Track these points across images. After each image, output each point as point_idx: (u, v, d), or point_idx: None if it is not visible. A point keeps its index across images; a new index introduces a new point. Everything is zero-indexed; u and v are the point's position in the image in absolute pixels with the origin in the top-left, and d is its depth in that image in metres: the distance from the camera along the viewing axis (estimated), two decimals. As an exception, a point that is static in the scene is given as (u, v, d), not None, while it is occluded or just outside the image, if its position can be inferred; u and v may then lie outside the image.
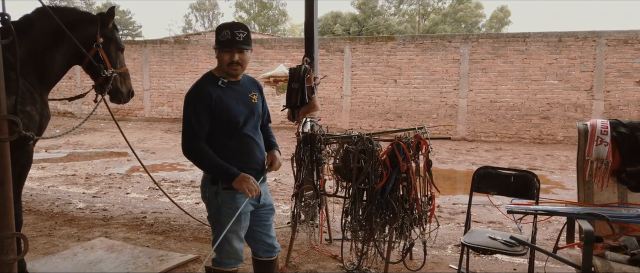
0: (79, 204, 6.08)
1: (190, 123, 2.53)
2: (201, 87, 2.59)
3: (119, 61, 3.66)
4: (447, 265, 3.97)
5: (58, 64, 3.40)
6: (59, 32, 3.19)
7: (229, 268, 2.68)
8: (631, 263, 2.88)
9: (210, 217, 2.69)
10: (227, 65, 2.60)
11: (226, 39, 2.57)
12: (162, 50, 16.72)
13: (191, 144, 2.53)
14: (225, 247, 2.63)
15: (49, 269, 3.68)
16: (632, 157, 3.22)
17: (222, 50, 2.59)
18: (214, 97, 2.55)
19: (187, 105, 2.56)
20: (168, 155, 10.93)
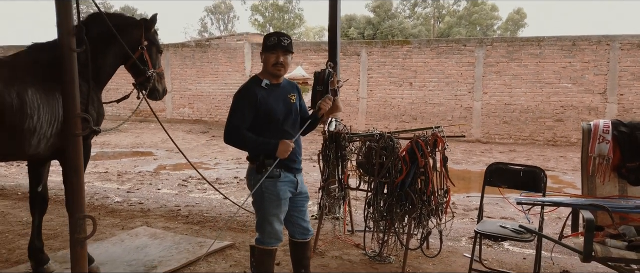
0: (116, 198, 6.53)
1: (235, 115, 2.93)
2: (248, 87, 3.00)
3: (158, 62, 3.99)
4: (461, 254, 4.31)
5: (109, 65, 3.75)
6: (110, 36, 3.46)
7: (269, 247, 3.06)
8: (629, 249, 3.20)
9: (255, 202, 3.07)
10: (272, 65, 2.99)
11: (273, 43, 2.97)
12: (183, 54, 17.26)
13: (234, 130, 2.91)
14: (267, 228, 3.02)
15: (101, 253, 4.10)
16: (632, 154, 3.53)
17: (268, 52, 2.98)
18: (259, 97, 2.95)
19: (235, 102, 2.97)
20: (191, 154, 11.38)
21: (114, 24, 3.52)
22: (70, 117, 2.90)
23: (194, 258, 4.00)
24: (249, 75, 16.50)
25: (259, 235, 3.07)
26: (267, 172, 2.93)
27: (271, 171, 2.93)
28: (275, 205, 2.98)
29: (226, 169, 9.49)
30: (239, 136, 2.93)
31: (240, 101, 2.96)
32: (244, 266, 3.92)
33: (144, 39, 3.78)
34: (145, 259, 3.98)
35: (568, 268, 4.01)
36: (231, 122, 2.95)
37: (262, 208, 3.01)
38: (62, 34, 2.84)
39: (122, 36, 3.59)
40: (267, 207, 2.98)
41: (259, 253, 3.09)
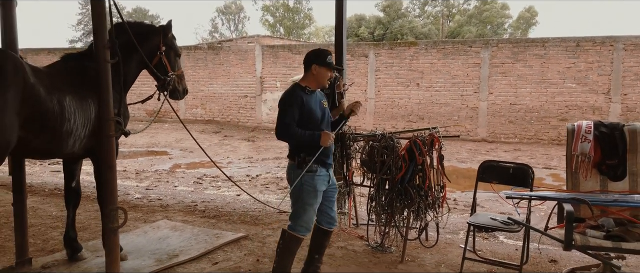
0: (136, 195, 6.95)
1: (285, 114, 3.35)
2: (295, 92, 3.44)
3: (176, 65, 4.31)
4: (457, 245, 4.64)
5: (133, 71, 4.11)
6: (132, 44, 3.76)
7: (299, 235, 3.46)
8: (606, 239, 3.52)
9: (293, 193, 3.46)
10: (327, 79, 3.54)
11: (330, 62, 3.49)
12: (196, 56, 17.73)
13: (286, 127, 3.33)
14: (302, 217, 3.43)
15: (128, 243, 4.50)
16: (611, 152, 3.85)
17: (325, 68, 3.47)
18: (304, 100, 3.40)
19: (284, 103, 3.39)
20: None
21: (134, 32, 3.88)
22: (104, 120, 3.31)
23: (211, 247, 4.39)
24: (259, 76, 16.93)
25: (292, 223, 3.47)
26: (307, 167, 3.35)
27: (310, 166, 3.35)
28: (312, 196, 3.41)
29: (238, 168, 9.89)
30: (290, 132, 3.34)
31: (289, 103, 3.38)
32: (257, 255, 4.30)
33: (162, 44, 4.09)
34: (168, 249, 4.38)
35: (556, 258, 4.33)
36: (283, 120, 3.35)
37: (300, 199, 3.41)
38: (98, 47, 3.25)
39: (143, 43, 3.93)
40: (305, 198, 3.40)
41: (288, 238, 3.47)
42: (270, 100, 16.85)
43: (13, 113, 2.95)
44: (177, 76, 4.28)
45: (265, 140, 14.37)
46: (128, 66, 3.91)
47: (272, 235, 4.86)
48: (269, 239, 4.74)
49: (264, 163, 10.40)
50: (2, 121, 2.88)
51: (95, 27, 3.23)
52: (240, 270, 3.94)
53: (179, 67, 4.35)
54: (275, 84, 16.77)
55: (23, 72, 3.05)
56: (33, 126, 3.15)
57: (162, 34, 4.11)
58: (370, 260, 4.25)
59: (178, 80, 4.31)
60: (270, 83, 16.85)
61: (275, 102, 18.14)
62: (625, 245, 3.42)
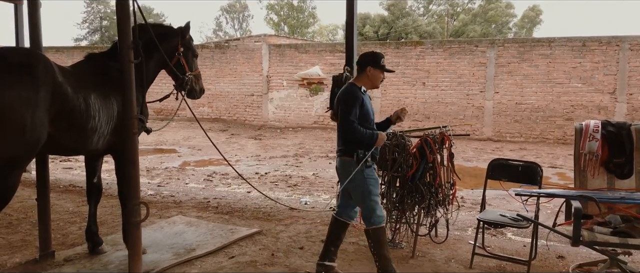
0: (149, 191, 7.09)
1: (349, 112, 3.54)
2: (355, 91, 3.64)
3: (194, 65, 4.41)
4: (466, 241, 4.75)
5: (152, 71, 4.23)
6: (152, 44, 3.86)
7: (382, 225, 3.63)
8: (613, 235, 3.62)
9: (357, 190, 3.63)
10: (380, 81, 3.78)
11: (384, 64, 3.73)
12: (203, 55, 17.84)
13: (351, 125, 3.54)
14: (377, 209, 3.61)
15: (145, 238, 4.59)
16: (618, 151, 3.95)
17: (380, 70, 3.71)
18: (363, 100, 3.62)
19: (347, 102, 3.59)
20: (214, 151, 11.87)
21: (155, 33, 4.00)
22: (128, 118, 3.44)
23: (227, 242, 4.52)
24: (266, 75, 17.05)
25: (373, 219, 3.60)
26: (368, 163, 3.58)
27: (368, 161, 3.58)
28: (376, 186, 3.66)
29: (247, 165, 10.02)
30: (354, 129, 3.54)
31: (351, 102, 3.58)
32: (271, 249, 4.42)
33: (180, 45, 4.21)
34: (185, 243, 4.50)
35: (563, 254, 4.43)
36: (348, 117, 3.55)
37: (368, 193, 3.59)
38: (122, 47, 3.38)
39: (162, 44, 4.06)
40: (373, 190, 3.61)
41: (376, 233, 3.61)
42: (276, 99, 16.98)
43: (44, 111, 3.08)
44: (195, 76, 4.39)
45: (271, 139, 14.50)
46: (148, 66, 4.01)
47: (285, 231, 4.98)
48: (282, 234, 4.86)
49: (272, 161, 10.52)
50: (34, 118, 3.01)
51: (120, 28, 3.36)
52: (256, 264, 4.06)
53: (196, 67, 4.45)
54: (281, 82, 16.89)
55: (52, 72, 3.18)
56: (61, 123, 3.28)
57: (181, 35, 4.22)
58: (381, 255, 4.36)
59: (195, 80, 4.41)
60: (277, 82, 16.97)
61: (282, 101, 18.21)
62: (632, 241, 3.52)
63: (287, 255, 4.30)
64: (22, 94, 2.97)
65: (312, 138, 14.57)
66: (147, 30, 3.84)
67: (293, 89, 16.66)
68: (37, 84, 3.04)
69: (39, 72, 3.07)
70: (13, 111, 2.92)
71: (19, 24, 7.56)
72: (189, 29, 4.33)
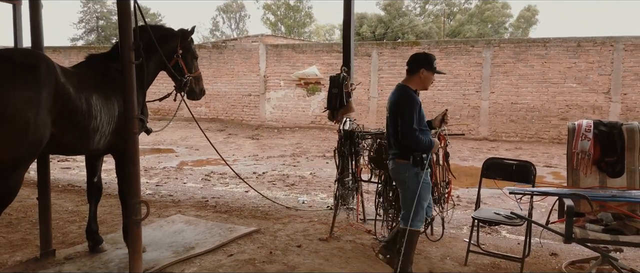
0: (147, 191, 7.13)
1: (411, 119, 3.59)
2: (413, 96, 3.71)
3: (193, 67, 4.45)
4: (461, 239, 4.82)
5: (152, 72, 4.27)
6: (152, 45, 3.94)
7: (419, 229, 3.78)
8: (604, 232, 3.70)
9: (410, 192, 3.68)
10: (430, 83, 3.85)
11: (436, 67, 3.81)
12: (200, 55, 17.74)
13: (412, 131, 3.59)
14: (420, 212, 3.70)
15: (145, 236, 4.61)
16: (610, 150, 4.03)
17: (432, 72, 3.80)
18: (420, 104, 3.70)
19: (406, 107, 3.63)
20: (211, 151, 11.93)
21: (155, 35, 4.06)
22: (129, 118, 3.49)
23: (226, 240, 4.57)
24: (263, 75, 17.09)
25: (413, 221, 3.66)
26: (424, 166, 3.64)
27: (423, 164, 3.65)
28: (427, 191, 3.74)
29: (244, 165, 10.07)
30: (415, 137, 3.59)
31: (412, 108, 3.62)
32: (269, 248, 4.48)
33: (180, 47, 4.26)
34: (183, 242, 4.56)
35: (556, 251, 4.51)
36: (410, 124, 3.59)
37: (419, 197, 3.65)
38: (123, 48, 3.43)
39: (162, 46, 4.13)
40: (423, 194, 3.67)
41: (411, 235, 3.68)
42: (273, 99, 17.03)
43: (46, 111, 3.13)
44: (194, 78, 4.44)
45: (269, 139, 14.55)
46: (148, 67, 4.03)
47: (282, 229, 5.04)
48: (280, 233, 4.92)
49: (269, 161, 10.58)
50: (37, 118, 3.06)
51: (121, 29, 3.41)
52: (255, 262, 4.12)
53: (196, 69, 4.49)
54: (278, 82, 16.94)
55: (55, 73, 3.23)
56: (64, 123, 3.33)
57: (181, 37, 4.27)
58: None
59: (195, 82, 4.46)
60: (274, 81, 17.02)
61: (279, 101, 18.22)
62: (623, 238, 3.60)
63: (285, 253, 4.36)
64: (25, 94, 3.02)
65: (309, 138, 14.63)
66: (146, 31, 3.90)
67: (290, 88, 16.72)
68: (40, 85, 3.09)
69: (41, 73, 3.12)
70: (17, 112, 2.97)
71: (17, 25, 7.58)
72: (192, 32, 4.38)
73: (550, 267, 4.17)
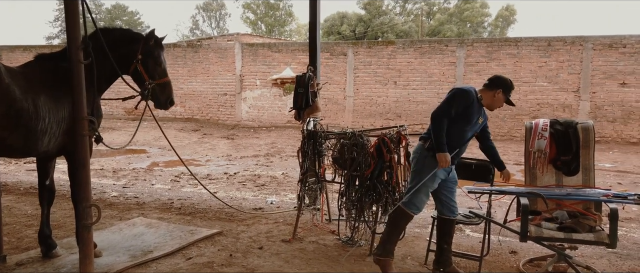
0: (113, 193, 6.99)
1: (450, 106, 3.66)
2: (471, 94, 3.75)
3: (157, 73, 4.22)
4: (424, 238, 4.83)
5: (107, 75, 4.16)
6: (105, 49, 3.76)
7: (410, 212, 3.78)
8: (559, 230, 3.75)
9: (415, 171, 3.79)
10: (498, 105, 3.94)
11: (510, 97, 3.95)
12: (175, 53, 17.66)
13: (442, 115, 3.65)
14: (416, 196, 3.73)
15: (103, 240, 4.57)
16: (565, 149, 4.08)
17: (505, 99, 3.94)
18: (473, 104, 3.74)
19: (455, 96, 3.69)
20: (183, 152, 11.84)
21: (111, 38, 3.94)
22: (78, 119, 3.39)
23: (186, 243, 4.49)
24: (239, 74, 16.96)
25: (406, 199, 3.79)
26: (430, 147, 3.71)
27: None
28: (430, 179, 3.71)
29: (216, 165, 9.97)
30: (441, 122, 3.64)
31: (458, 100, 3.69)
32: (230, 250, 4.42)
33: (139, 52, 4.06)
34: (142, 245, 4.46)
35: (515, 249, 4.55)
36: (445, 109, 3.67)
37: (419, 178, 3.72)
38: (71, 47, 3.33)
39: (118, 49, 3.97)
40: (424, 177, 3.69)
41: (400, 213, 3.80)
42: (249, 98, 16.91)
43: (-13, 113, 3.02)
44: (159, 85, 4.19)
45: (244, 138, 14.44)
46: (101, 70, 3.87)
47: (246, 231, 4.99)
48: (242, 235, 4.86)
49: (242, 161, 10.49)
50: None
51: (69, 27, 3.31)
52: (213, 265, 4.06)
53: (161, 76, 4.23)
54: (255, 81, 16.83)
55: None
56: (9, 125, 3.22)
57: (144, 42, 4.08)
58: (340, 254, 4.41)
59: (160, 90, 4.21)
60: (250, 81, 16.90)
61: (255, 100, 18.11)
62: (576, 236, 3.65)
63: (246, 255, 4.30)
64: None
65: (285, 137, 14.56)
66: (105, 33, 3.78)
67: (266, 88, 16.62)
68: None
69: (-19, 74, 3.01)
70: None
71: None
72: (153, 36, 4.17)
73: (508, 265, 4.20)
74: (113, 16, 46.27)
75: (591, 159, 4.08)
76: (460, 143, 3.83)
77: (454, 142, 3.75)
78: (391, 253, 3.85)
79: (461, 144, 3.84)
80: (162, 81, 4.25)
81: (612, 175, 8.86)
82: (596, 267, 4.07)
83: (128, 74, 4.19)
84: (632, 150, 11.84)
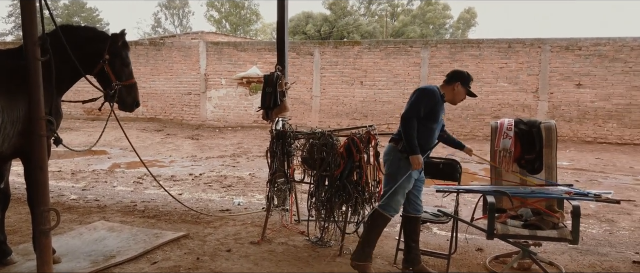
0: (72, 196, 6.72)
1: (418, 106, 3.71)
2: (436, 92, 3.80)
3: (124, 75, 4.12)
4: (393, 237, 4.85)
5: (69, 75, 4.01)
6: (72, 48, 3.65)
7: (388, 215, 3.81)
8: (524, 227, 3.84)
9: (389, 174, 3.82)
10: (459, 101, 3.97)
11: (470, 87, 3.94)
12: (136, 52, 17.16)
13: (411, 116, 3.70)
14: (393, 198, 3.75)
15: (61, 245, 4.37)
16: (529, 148, 4.19)
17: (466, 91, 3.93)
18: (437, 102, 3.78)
19: (421, 96, 3.75)
20: (146, 152, 11.52)
21: (75, 36, 3.78)
22: (35, 119, 3.22)
23: (150, 247, 4.35)
24: (204, 73, 16.66)
25: (383, 202, 3.81)
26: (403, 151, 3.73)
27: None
28: (407, 180, 3.75)
29: (181, 167, 9.75)
30: (410, 123, 3.71)
31: (424, 98, 3.74)
32: (197, 253, 4.31)
33: (106, 52, 3.93)
34: (104, 250, 4.29)
35: (482, 247, 4.64)
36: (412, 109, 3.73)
37: (395, 181, 3.74)
38: (27, 44, 3.16)
39: (84, 49, 3.84)
40: (399, 180, 3.72)
41: (378, 216, 3.82)
42: (214, 97, 16.65)
43: None
44: (125, 87, 4.10)
45: (209, 138, 14.19)
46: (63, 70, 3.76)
47: (213, 233, 4.88)
48: (209, 237, 4.76)
49: (208, 162, 10.30)
50: None
51: (25, 23, 3.14)
52: (179, 269, 3.95)
53: (128, 77, 4.14)
54: (220, 81, 16.58)
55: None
56: None
57: (111, 41, 3.96)
58: (309, 255, 4.38)
59: (126, 91, 4.12)
60: (215, 80, 16.64)
61: (220, 100, 17.83)
62: (540, 232, 3.75)
63: (213, 258, 4.21)
64: None
65: (251, 137, 14.40)
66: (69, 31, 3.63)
67: (232, 87, 16.41)
68: None
69: None
70: None
71: None
72: (123, 36, 4.06)
73: (475, 263, 4.28)
74: (70, 12, 44.63)
75: (553, 158, 4.21)
76: (430, 142, 3.93)
77: (423, 142, 3.82)
78: (370, 257, 3.87)
79: (431, 143, 3.94)
80: (129, 83, 4.16)
81: (569, 173, 9.19)
82: (559, 262, 4.20)
83: (92, 73, 4.04)
84: (587, 149, 12.34)
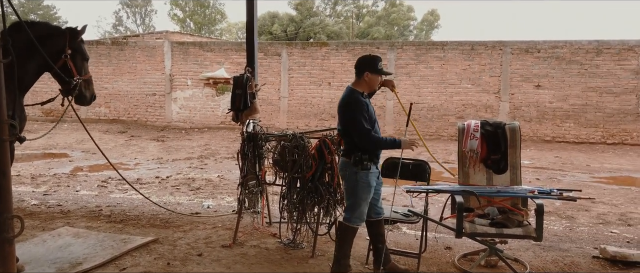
0: (32, 201, 6.47)
1: (361, 122, 3.61)
2: (359, 98, 3.71)
3: (84, 69, 4.17)
4: (365, 238, 4.90)
5: (32, 73, 3.91)
6: (32, 45, 3.64)
7: (355, 226, 3.79)
8: (491, 226, 3.96)
9: (348, 189, 3.78)
10: (378, 85, 3.90)
11: (381, 68, 3.78)
12: (98, 51, 16.69)
13: (367, 133, 3.61)
14: (357, 210, 3.72)
15: (24, 253, 4.21)
16: (495, 148, 4.33)
17: (377, 74, 3.79)
18: (366, 104, 3.71)
19: (354, 110, 3.65)
20: (110, 155, 11.16)
21: (37, 33, 3.69)
22: (-3, 124, 3.09)
23: (118, 253, 4.25)
24: (169, 73, 16.36)
25: (347, 215, 3.78)
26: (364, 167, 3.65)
27: (365, 165, 3.65)
28: (366, 192, 3.71)
29: (147, 169, 9.54)
30: (372, 139, 3.64)
31: (359, 110, 3.64)
32: (167, 258, 4.24)
33: (68, 47, 3.96)
34: (70, 257, 4.17)
35: (451, 245, 4.76)
36: (362, 129, 3.61)
37: (355, 194, 3.72)
38: (-13, 45, 3.03)
39: (45, 45, 3.77)
40: (360, 194, 3.69)
41: (345, 229, 3.80)
42: (180, 98, 16.36)
43: None
44: (85, 81, 4.16)
45: (175, 140, 13.94)
46: (27, 68, 3.74)
47: (183, 238, 4.81)
48: (180, 242, 4.69)
49: (174, 164, 10.12)
50: None
51: (-15, 23, 3.02)
52: (150, 275, 3.88)
53: (86, 71, 4.21)
54: (185, 81, 16.31)
55: None
56: None
57: (70, 36, 3.99)
58: (282, 257, 4.38)
59: (85, 86, 4.18)
60: (181, 81, 16.36)
61: (186, 101, 17.53)
62: (507, 231, 3.89)
63: (184, 263, 4.15)
64: None
65: (218, 138, 14.24)
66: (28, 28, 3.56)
67: (198, 88, 16.17)
68: None
69: None
70: None
71: None
72: (83, 32, 4.12)
73: (444, 261, 4.39)
74: (26, 10, 42.83)
75: (518, 158, 4.36)
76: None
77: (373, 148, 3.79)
78: (347, 266, 3.89)
79: None
80: (86, 77, 4.22)
81: (530, 171, 9.52)
82: (523, 258, 4.36)
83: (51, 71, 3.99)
84: (546, 148, 12.82)
